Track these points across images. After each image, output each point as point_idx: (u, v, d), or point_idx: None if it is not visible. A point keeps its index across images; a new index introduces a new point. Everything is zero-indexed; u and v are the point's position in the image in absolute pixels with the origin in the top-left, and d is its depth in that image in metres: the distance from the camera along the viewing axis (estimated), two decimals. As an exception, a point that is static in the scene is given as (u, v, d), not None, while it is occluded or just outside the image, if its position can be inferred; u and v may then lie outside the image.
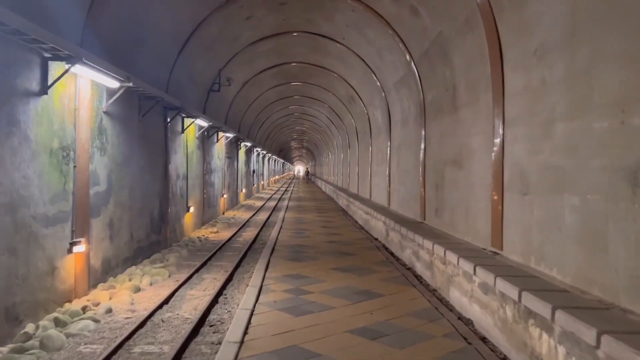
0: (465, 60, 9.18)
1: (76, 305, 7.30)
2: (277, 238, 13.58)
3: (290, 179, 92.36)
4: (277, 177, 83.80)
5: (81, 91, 7.90)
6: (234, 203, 26.59)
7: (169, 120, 13.07)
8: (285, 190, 50.87)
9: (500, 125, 7.63)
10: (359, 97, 21.18)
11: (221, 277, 10.11)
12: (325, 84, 24.67)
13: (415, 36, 11.63)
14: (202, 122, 16.08)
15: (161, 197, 12.47)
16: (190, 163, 15.88)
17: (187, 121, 14.94)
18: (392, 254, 12.04)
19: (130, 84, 8.65)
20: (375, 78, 16.85)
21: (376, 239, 14.43)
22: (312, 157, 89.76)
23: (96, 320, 6.76)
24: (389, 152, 16.85)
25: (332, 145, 43.85)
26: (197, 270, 10.56)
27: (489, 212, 7.94)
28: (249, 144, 31.15)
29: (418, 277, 9.54)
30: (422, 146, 12.28)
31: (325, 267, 9.67)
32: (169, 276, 10.10)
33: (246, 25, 15.50)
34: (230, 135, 22.29)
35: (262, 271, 9.20)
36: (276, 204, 30.52)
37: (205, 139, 18.20)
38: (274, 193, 44.83)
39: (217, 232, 16.87)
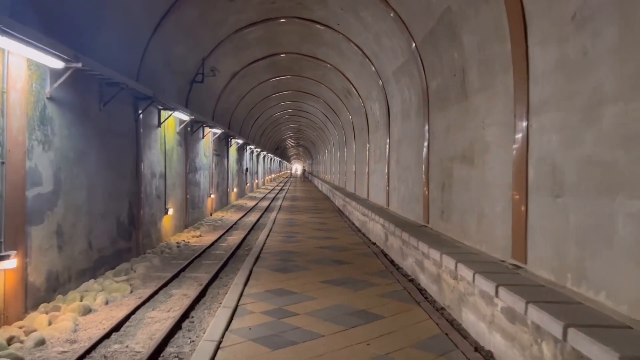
0: (478, 38, 7.79)
1: (1, 335, 5.88)
2: (264, 243, 12.19)
3: (286, 177, 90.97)
4: (273, 175, 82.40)
5: (12, 71, 6.48)
6: (223, 203, 25.18)
7: (140, 112, 11.60)
8: (281, 189, 49.47)
9: (524, 112, 6.25)
10: (356, 90, 19.79)
11: (192, 293, 8.69)
12: (320, 76, 23.25)
13: (418, 15, 10.23)
14: (183, 116, 14.64)
15: (131, 198, 11.05)
16: (170, 160, 14.48)
17: (164, 114, 13.49)
18: (392, 262, 10.67)
19: (79, 65, 7.23)
20: (372, 68, 15.46)
21: (374, 244, 13.06)
22: (309, 155, 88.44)
23: (18, 359, 5.35)
24: (387, 148, 15.47)
25: (329, 143, 42.48)
26: (165, 284, 9.14)
27: (509, 217, 6.58)
28: (240, 141, 29.70)
29: (422, 292, 8.17)
30: (426, 141, 10.90)
31: (315, 280, 8.31)
32: (131, 292, 8.67)
33: (231, 9, 14.07)
34: (218, 131, 20.84)
35: (241, 285, 7.83)
36: (269, 204, 29.12)
37: (189, 134, 16.78)
38: (268, 192, 43.42)
39: (200, 236, 15.45)
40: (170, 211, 13.94)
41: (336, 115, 29.00)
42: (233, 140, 27.59)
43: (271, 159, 71.88)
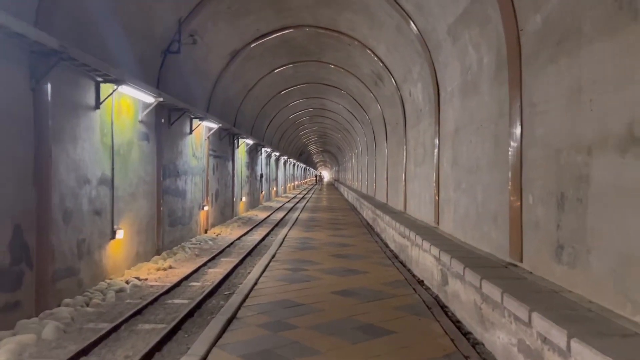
0: None
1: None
2: (254, 285, 7.95)
3: (311, 185, 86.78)
4: (296, 182, 78.37)
5: None
6: (226, 216, 20.98)
7: (46, 81, 7.31)
8: (302, 197, 45.25)
9: None
10: (389, 71, 15.43)
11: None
12: (344, 60, 18.95)
13: None
14: (144, 96, 10.38)
15: (21, 219, 6.80)
16: (125, 160, 10.29)
17: (106, 89, 9.31)
18: (458, 326, 6.27)
19: None
20: (414, 31, 11.10)
21: (421, 283, 8.68)
22: (336, 161, 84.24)
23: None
24: (436, 143, 11.05)
25: (355, 146, 38.13)
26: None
27: None
28: (250, 142, 25.53)
29: None
30: (516, 123, 6.49)
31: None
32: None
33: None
34: (215, 125, 16.62)
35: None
36: (284, 216, 24.86)
37: (163, 126, 12.57)
38: (287, 201, 39.24)
39: (170, 267, 11.06)
40: (120, 234, 9.71)
41: (363, 111, 24.66)
42: (241, 140, 23.45)
43: (294, 164, 67.87)
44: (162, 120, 12.39)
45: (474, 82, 8.45)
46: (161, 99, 10.71)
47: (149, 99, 10.54)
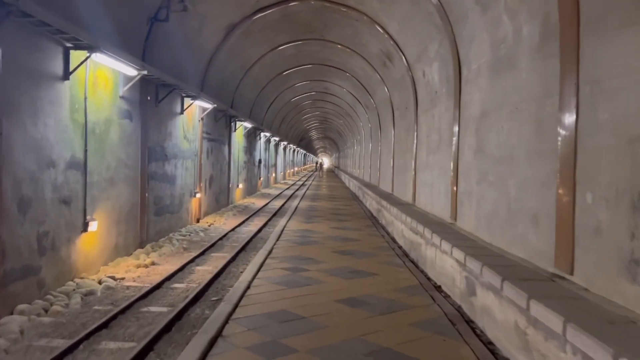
0: None
1: None
2: (244, 292, 6.78)
3: (311, 171, 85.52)
4: (296, 169, 77.15)
5: None
6: (221, 203, 19.76)
7: None
8: (302, 184, 44.06)
9: None
10: (400, 50, 14.13)
11: None
12: (350, 38, 17.62)
13: None
14: (125, 67, 8.99)
15: None
16: (101, 140, 9.03)
17: (78, 58, 7.95)
18: (494, 352, 5.12)
19: None
20: (434, 1, 9.80)
21: (438, 289, 7.53)
22: (336, 147, 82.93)
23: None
24: (455, 129, 9.83)
25: (357, 132, 36.85)
26: None
27: None
28: (249, 126, 24.23)
29: None
30: (568, 104, 5.27)
31: None
32: None
33: None
34: (209, 105, 15.33)
35: None
36: (283, 204, 23.68)
37: (149, 104, 11.27)
38: (287, 188, 38.04)
39: (153, 264, 9.72)
40: (94, 225, 8.46)
41: (368, 95, 23.35)
42: (238, 123, 22.16)
43: (294, 150, 66.57)
44: (148, 97, 11.11)
45: (508, 58, 7.20)
46: (145, 72, 9.42)
47: (131, 71, 9.24)
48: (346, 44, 18.49)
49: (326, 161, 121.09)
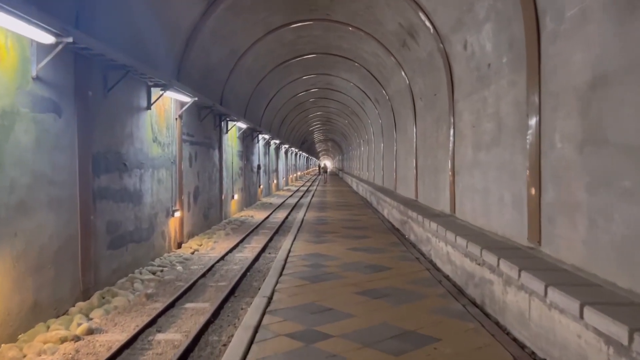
0: None
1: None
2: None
3: (314, 175, 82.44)
4: (299, 173, 74.11)
5: None
6: (212, 220, 16.52)
7: None
8: (307, 190, 40.97)
9: None
10: (429, 19, 11.08)
11: None
12: (360, 13, 14.56)
13: None
14: (27, 28, 5.69)
15: None
16: (11, 146, 5.96)
17: None
18: None
19: None
20: None
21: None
22: (340, 149, 79.92)
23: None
24: (533, 111, 6.75)
25: (365, 132, 33.80)
26: None
27: None
28: (244, 126, 21.10)
29: None
30: None
31: None
32: None
33: None
34: (187, 99, 12.09)
35: None
36: (286, 217, 20.54)
37: (93, 92, 7.93)
38: (290, 196, 34.91)
39: (85, 337, 6.19)
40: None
41: (380, 86, 20.30)
42: (231, 123, 19.05)
43: (296, 154, 63.55)
44: (90, 82, 7.88)
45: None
46: (70, 39, 6.21)
47: (44, 36, 6.04)
48: (356, 23, 15.46)
49: (329, 164, 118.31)
